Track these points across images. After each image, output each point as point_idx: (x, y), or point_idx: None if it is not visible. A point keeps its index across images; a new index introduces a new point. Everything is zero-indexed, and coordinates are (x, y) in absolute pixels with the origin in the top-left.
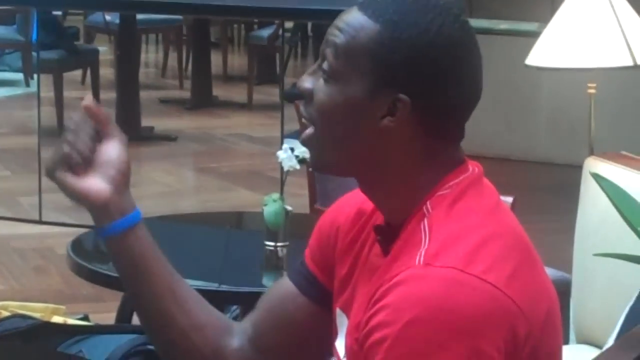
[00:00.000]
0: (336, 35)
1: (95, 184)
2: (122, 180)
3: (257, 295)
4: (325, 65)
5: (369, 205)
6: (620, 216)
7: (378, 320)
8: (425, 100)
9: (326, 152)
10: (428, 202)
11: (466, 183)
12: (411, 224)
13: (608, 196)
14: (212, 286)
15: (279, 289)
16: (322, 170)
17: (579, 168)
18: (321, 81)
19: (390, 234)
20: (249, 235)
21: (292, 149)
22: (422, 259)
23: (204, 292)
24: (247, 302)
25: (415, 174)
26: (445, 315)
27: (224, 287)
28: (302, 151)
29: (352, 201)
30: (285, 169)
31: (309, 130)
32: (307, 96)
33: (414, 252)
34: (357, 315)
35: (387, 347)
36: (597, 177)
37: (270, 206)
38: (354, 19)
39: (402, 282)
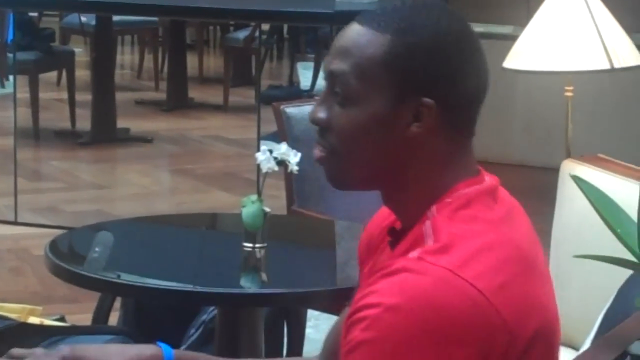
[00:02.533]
0: (344, 58)
1: None
2: None
3: (234, 297)
4: (339, 90)
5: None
6: (600, 218)
7: (364, 302)
8: (447, 98)
9: (350, 171)
10: (434, 207)
11: (475, 193)
12: (417, 226)
13: (588, 198)
14: (189, 287)
15: (339, 319)
16: (344, 188)
17: (554, 170)
18: (337, 107)
19: (402, 236)
20: (225, 236)
21: (270, 151)
22: (418, 253)
23: (181, 293)
24: (225, 303)
25: (433, 179)
26: (426, 310)
27: (202, 289)
28: (281, 153)
29: (383, 212)
30: (264, 170)
31: (322, 153)
32: (323, 126)
33: (414, 247)
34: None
35: (364, 327)
36: (577, 180)
37: (249, 207)
38: (360, 35)
39: (395, 272)
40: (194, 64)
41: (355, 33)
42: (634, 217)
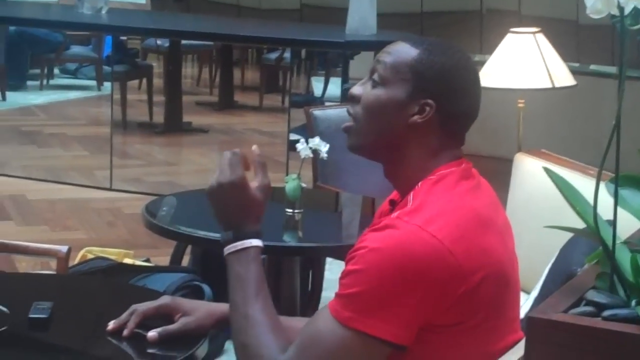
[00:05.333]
0: (386, 56)
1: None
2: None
3: (280, 248)
4: (375, 76)
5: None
6: (564, 199)
7: (357, 246)
8: (446, 106)
9: (363, 138)
10: (420, 183)
11: (450, 172)
12: (406, 196)
13: (555, 183)
14: None
15: None
16: (357, 151)
17: (501, 160)
18: (369, 88)
19: (398, 205)
20: (270, 204)
21: (306, 141)
22: (397, 214)
23: None
24: (273, 253)
25: (422, 162)
26: (398, 254)
27: None
28: (315, 144)
29: (392, 195)
30: (302, 156)
31: (350, 123)
32: (356, 99)
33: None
34: None
35: (354, 262)
36: (546, 170)
37: (290, 183)
38: (399, 46)
39: (380, 227)
40: (238, 75)
41: (398, 44)
42: (588, 199)
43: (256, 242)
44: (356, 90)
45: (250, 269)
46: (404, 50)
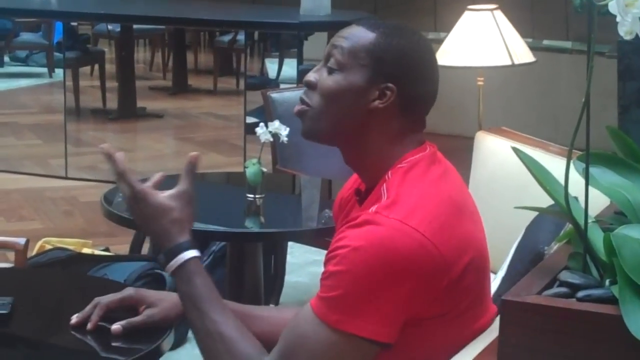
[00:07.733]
0: (342, 41)
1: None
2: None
3: (242, 235)
4: (331, 62)
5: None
6: (534, 178)
7: (337, 244)
8: (406, 90)
9: (320, 124)
10: (390, 172)
11: (419, 158)
12: (377, 187)
13: (524, 163)
14: (209, 227)
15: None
16: (312, 138)
17: (459, 137)
18: (325, 74)
19: (365, 195)
20: (231, 189)
21: (266, 125)
22: (375, 209)
23: (201, 232)
24: (235, 239)
25: (386, 149)
26: (382, 250)
27: (218, 228)
28: (275, 127)
29: (353, 178)
30: (262, 140)
31: (303, 106)
32: (312, 85)
33: (374, 204)
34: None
35: (336, 262)
36: (515, 150)
37: (251, 168)
38: (355, 30)
39: (359, 223)
40: (191, 59)
41: (353, 28)
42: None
43: (189, 254)
44: (312, 76)
45: (195, 284)
46: (360, 35)
